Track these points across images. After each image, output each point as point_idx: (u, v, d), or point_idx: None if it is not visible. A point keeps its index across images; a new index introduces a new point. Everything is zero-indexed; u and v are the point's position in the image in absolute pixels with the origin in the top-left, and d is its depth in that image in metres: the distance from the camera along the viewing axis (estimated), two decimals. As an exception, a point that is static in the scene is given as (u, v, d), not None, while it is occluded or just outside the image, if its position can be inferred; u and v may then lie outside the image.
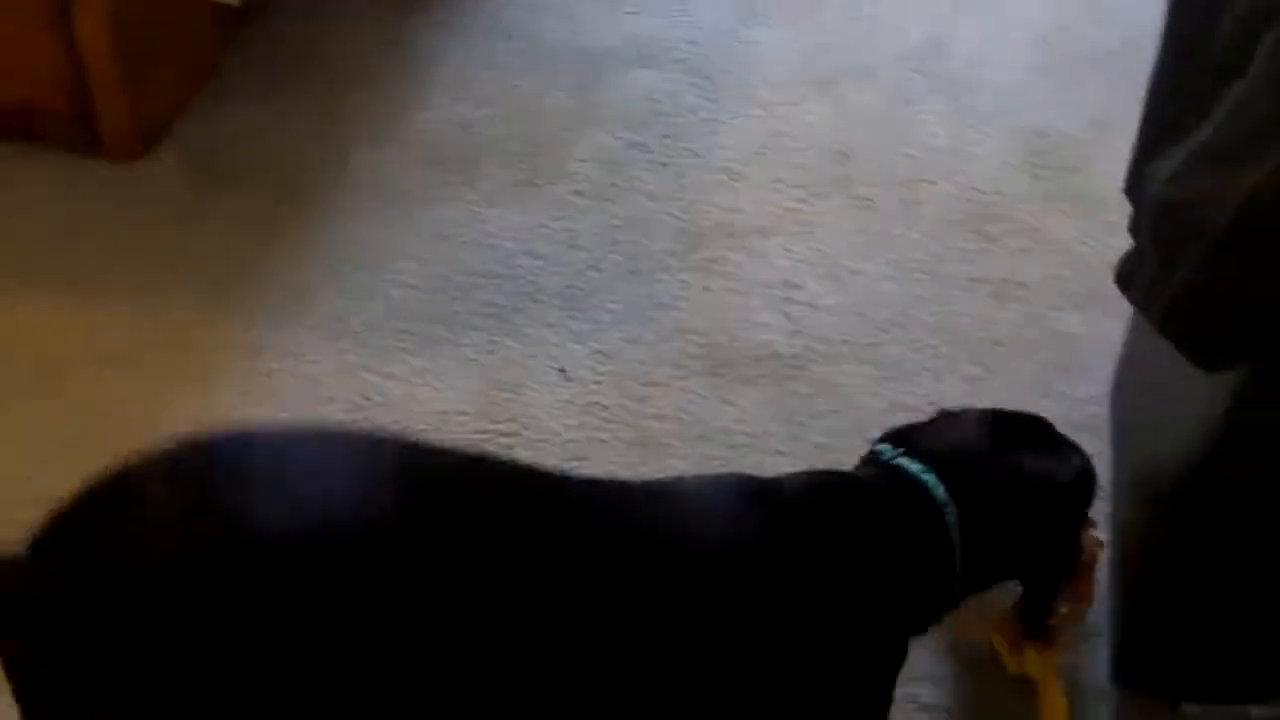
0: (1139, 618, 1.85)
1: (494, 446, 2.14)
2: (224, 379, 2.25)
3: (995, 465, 1.72)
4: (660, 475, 2.04)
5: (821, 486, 1.65)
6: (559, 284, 2.42)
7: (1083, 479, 1.80)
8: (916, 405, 2.16)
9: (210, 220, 2.52)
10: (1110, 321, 2.27)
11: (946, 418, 1.83)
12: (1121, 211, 1.66)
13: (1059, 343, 2.32)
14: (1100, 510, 2.02)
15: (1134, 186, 1.61)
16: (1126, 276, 1.49)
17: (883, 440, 1.77)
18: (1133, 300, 1.47)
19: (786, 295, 2.40)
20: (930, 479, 1.64)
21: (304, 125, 2.70)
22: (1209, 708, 1.84)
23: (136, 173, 2.59)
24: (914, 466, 1.66)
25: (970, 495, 1.64)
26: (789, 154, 2.66)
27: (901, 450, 1.70)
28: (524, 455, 2.13)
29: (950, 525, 1.63)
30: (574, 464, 2.12)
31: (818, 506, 1.60)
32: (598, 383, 2.26)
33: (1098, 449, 2.08)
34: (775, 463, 2.12)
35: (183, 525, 1.29)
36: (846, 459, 1.86)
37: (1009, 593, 1.82)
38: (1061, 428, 1.98)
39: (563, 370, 2.27)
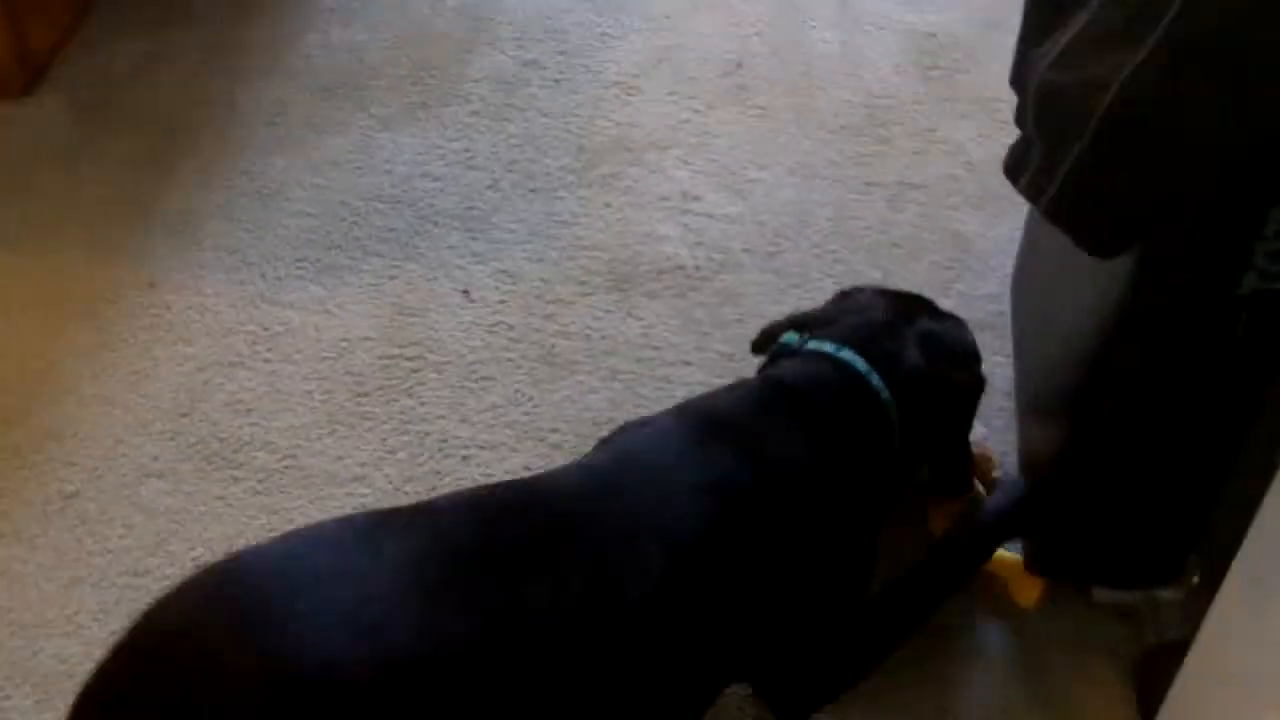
0: (1048, 510, 1.88)
1: (399, 371, 2.14)
2: (122, 315, 2.23)
3: (909, 340, 1.80)
4: (567, 392, 2.08)
5: (782, 392, 1.71)
6: (458, 205, 2.40)
7: (975, 346, 1.90)
8: (819, 310, 2.17)
9: (98, 157, 2.49)
10: (1007, 220, 2.31)
11: (843, 298, 1.90)
12: (1013, 110, 1.67)
13: (956, 242, 2.34)
14: (1000, 405, 2.06)
15: (1018, 76, 1.61)
16: (1014, 167, 1.49)
17: (784, 328, 1.85)
18: (1021, 190, 1.48)
19: (686, 207, 2.40)
20: (860, 361, 1.73)
21: (190, 58, 2.66)
22: (1119, 593, 1.87)
23: (19, 111, 2.55)
24: (842, 351, 1.74)
25: (894, 368, 1.74)
26: (682, 66, 2.66)
27: (813, 336, 1.78)
28: (430, 378, 2.13)
29: (887, 403, 1.73)
30: (481, 384, 2.12)
31: (793, 408, 1.68)
32: (502, 302, 2.25)
33: (998, 346, 2.13)
34: (682, 373, 2.14)
35: (232, 677, 1.29)
36: (751, 367, 1.88)
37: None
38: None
39: (466, 292, 2.26)
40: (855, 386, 1.73)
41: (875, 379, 1.73)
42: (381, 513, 1.50)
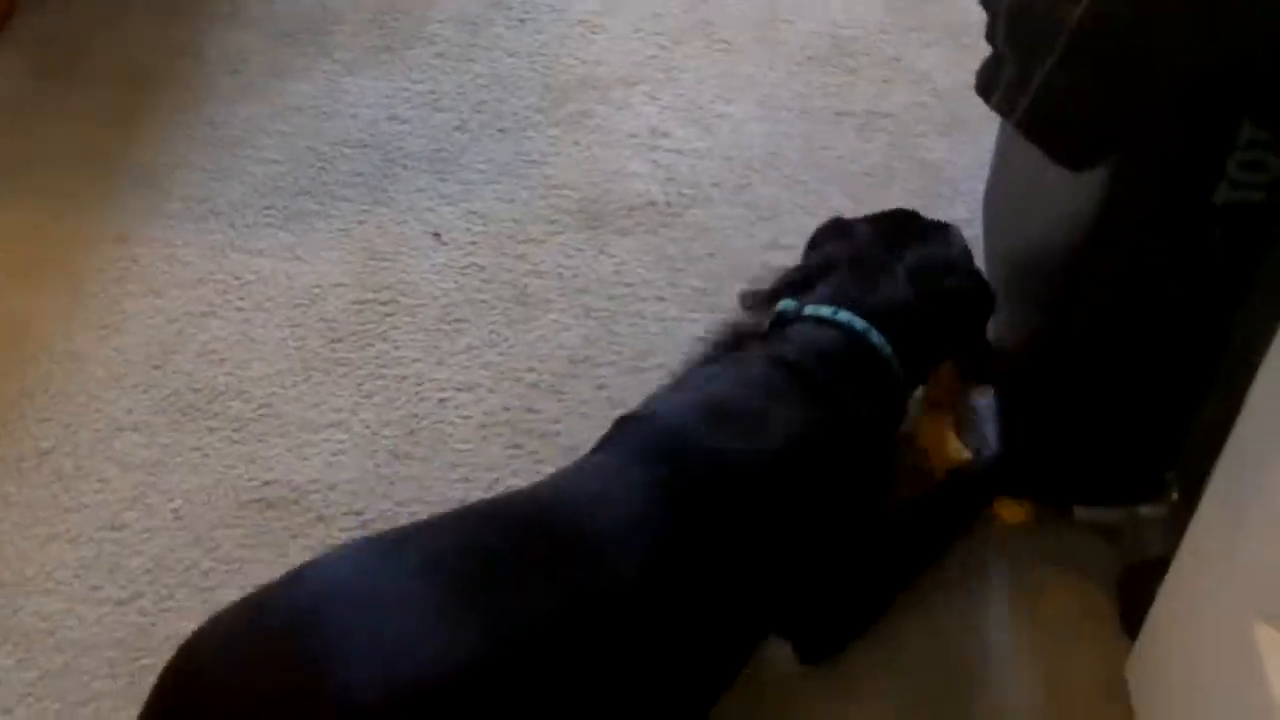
0: (1026, 428, 1.89)
1: (372, 316, 2.13)
2: (91, 269, 2.21)
3: (899, 277, 1.83)
4: (542, 330, 2.07)
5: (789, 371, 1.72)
6: (426, 148, 2.39)
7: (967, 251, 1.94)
8: (790, 243, 2.17)
9: (61, 113, 2.46)
10: (975, 145, 2.31)
11: (832, 241, 1.91)
12: (979, 36, 1.66)
13: (926, 169, 2.33)
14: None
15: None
16: (986, 85, 1.49)
17: (778, 292, 1.86)
18: (994, 107, 1.48)
19: (655, 144, 2.39)
20: (858, 321, 1.76)
21: (150, 10, 2.63)
22: (1100, 510, 1.88)
23: (-22, 68, 2.53)
24: (839, 314, 1.77)
25: (890, 317, 1.78)
26: (647, 3, 2.64)
27: (807, 301, 1.80)
28: (403, 322, 2.12)
29: (889, 358, 1.76)
30: (455, 326, 2.11)
31: (813, 375, 1.70)
32: (473, 244, 2.24)
33: (974, 269, 2.12)
34: (656, 309, 2.13)
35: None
36: (725, 301, 1.88)
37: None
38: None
39: (436, 234, 2.25)
40: (857, 349, 1.76)
41: (874, 335, 1.76)
42: (399, 533, 1.50)
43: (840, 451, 1.68)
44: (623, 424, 1.68)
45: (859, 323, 1.76)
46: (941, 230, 1.93)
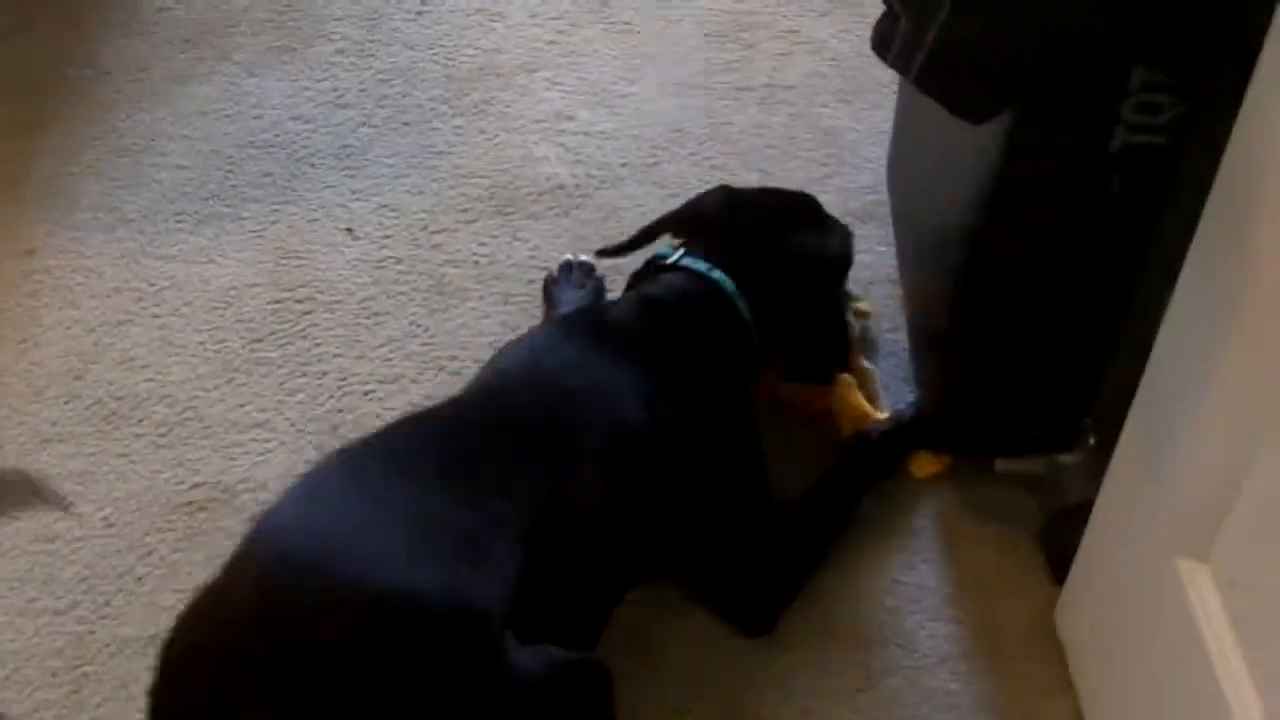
0: (941, 385, 1.92)
1: (290, 314, 2.14)
2: (3, 285, 2.20)
3: (771, 248, 1.91)
4: (462, 319, 2.09)
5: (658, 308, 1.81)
6: (332, 144, 2.39)
7: (845, 255, 2.01)
8: (702, 217, 2.19)
9: (-38, 129, 2.45)
10: (876, 112, 2.34)
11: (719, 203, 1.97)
12: (876, 4, 1.69)
13: (829, 138, 2.37)
14: (887, 292, 2.10)
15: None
16: (881, 43, 1.51)
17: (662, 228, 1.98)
18: (890, 63, 1.49)
19: (560, 127, 2.41)
20: (729, 283, 1.84)
21: (46, 25, 2.61)
22: (1020, 461, 1.91)
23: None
24: (714, 273, 1.84)
25: (753, 278, 1.85)
26: (542, -12, 2.66)
27: (688, 252, 1.88)
28: (322, 319, 2.13)
29: (742, 310, 1.83)
30: (374, 320, 2.12)
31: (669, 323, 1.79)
32: (387, 237, 2.25)
33: (881, 235, 2.16)
34: (573, 290, 2.15)
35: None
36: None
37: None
38: (842, 218, 2.05)
39: (349, 229, 2.26)
40: (721, 302, 1.83)
41: (741, 302, 1.83)
42: (352, 448, 1.58)
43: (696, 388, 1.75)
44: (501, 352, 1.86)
45: (728, 284, 1.83)
46: (828, 224, 2.01)
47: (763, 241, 1.91)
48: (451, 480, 1.50)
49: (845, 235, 2.01)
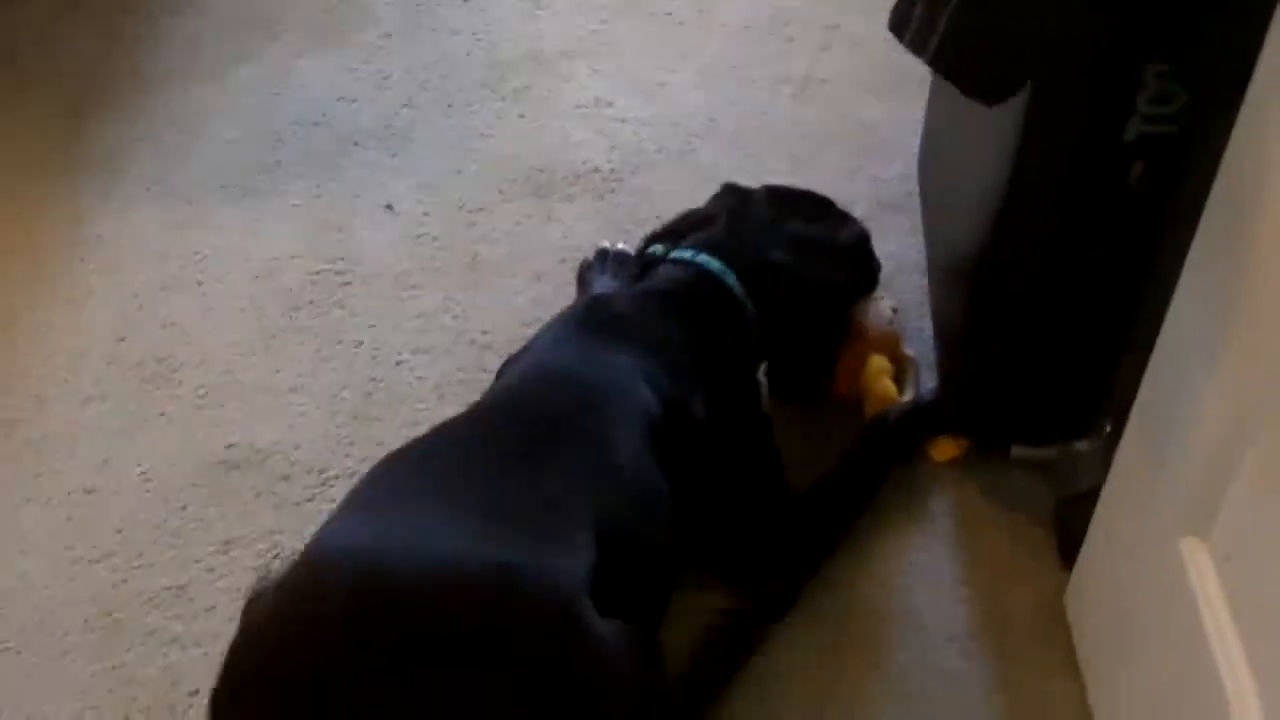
0: (961, 371, 1.95)
1: (328, 286, 2.19)
2: (55, 249, 2.26)
3: (774, 241, 1.92)
4: (494, 295, 2.13)
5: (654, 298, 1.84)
6: (376, 125, 2.45)
7: (858, 245, 2.01)
8: (734, 204, 2.23)
9: (19, 105, 2.52)
10: (910, 107, 2.36)
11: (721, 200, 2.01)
12: None
13: (863, 130, 2.40)
14: (917, 281, 2.13)
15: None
16: (899, 24, 1.53)
17: (654, 240, 1.99)
18: (906, 45, 1.52)
19: (598, 113, 2.46)
20: (717, 265, 1.86)
21: (100, 4, 2.68)
22: (1036, 449, 1.94)
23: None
24: (698, 256, 1.87)
25: (755, 275, 1.87)
26: (588, -21, 2.71)
27: (677, 246, 1.91)
28: (359, 290, 2.18)
29: (738, 293, 1.86)
30: (409, 293, 2.17)
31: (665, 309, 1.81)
32: (425, 215, 2.30)
33: (911, 225, 2.19)
34: (604, 271, 2.19)
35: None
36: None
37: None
38: (873, 208, 2.09)
39: (389, 206, 2.31)
40: (712, 287, 1.85)
41: (730, 278, 1.85)
42: (395, 456, 1.59)
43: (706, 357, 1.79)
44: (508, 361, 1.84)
45: (715, 264, 1.86)
46: (840, 217, 2.02)
47: (764, 231, 1.94)
48: (508, 472, 1.52)
49: (859, 232, 2.03)
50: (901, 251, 2.18)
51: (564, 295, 2.16)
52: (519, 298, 2.17)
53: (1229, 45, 1.30)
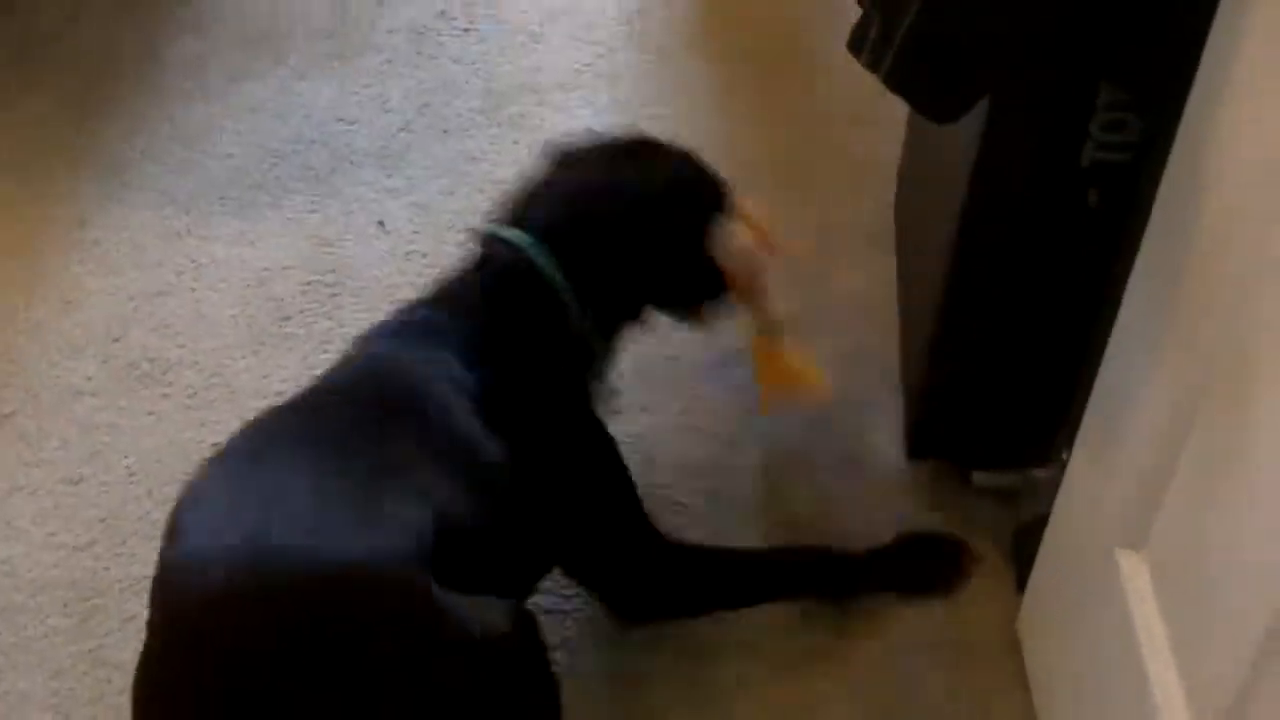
0: (924, 397, 2.00)
1: (318, 296, 2.25)
2: (54, 250, 2.34)
3: (588, 209, 1.76)
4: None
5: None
6: (373, 146, 2.52)
7: (678, 185, 1.84)
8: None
9: (25, 109, 2.60)
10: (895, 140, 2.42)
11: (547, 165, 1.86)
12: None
13: (849, 162, 2.46)
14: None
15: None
16: (856, 42, 1.57)
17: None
18: (863, 63, 1.54)
19: (590, 142, 2.52)
20: (530, 246, 1.71)
21: (111, 16, 2.77)
22: (996, 475, 1.99)
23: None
24: (511, 235, 1.73)
25: (568, 245, 1.72)
26: (584, 15, 2.79)
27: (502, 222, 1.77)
28: (348, 302, 2.25)
29: (559, 286, 1.70)
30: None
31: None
32: (415, 233, 2.37)
33: (887, 258, 2.24)
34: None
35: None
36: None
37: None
38: (854, 239, 2.14)
39: (381, 223, 2.38)
40: (520, 270, 1.71)
41: (542, 257, 1.70)
42: (226, 451, 1.56)
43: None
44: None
45: (526, 239, 1.71)
46: (668, 156, 1.88)
47: (574, 193, 1.78)
48: (342, 459, 1.48)
49: (681, 158, 1.88)
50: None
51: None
52: (503, 314, 2.23)
53: (1179, 74, 1.35)
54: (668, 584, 1.78)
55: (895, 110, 1.73)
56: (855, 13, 1.58)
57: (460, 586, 1.41)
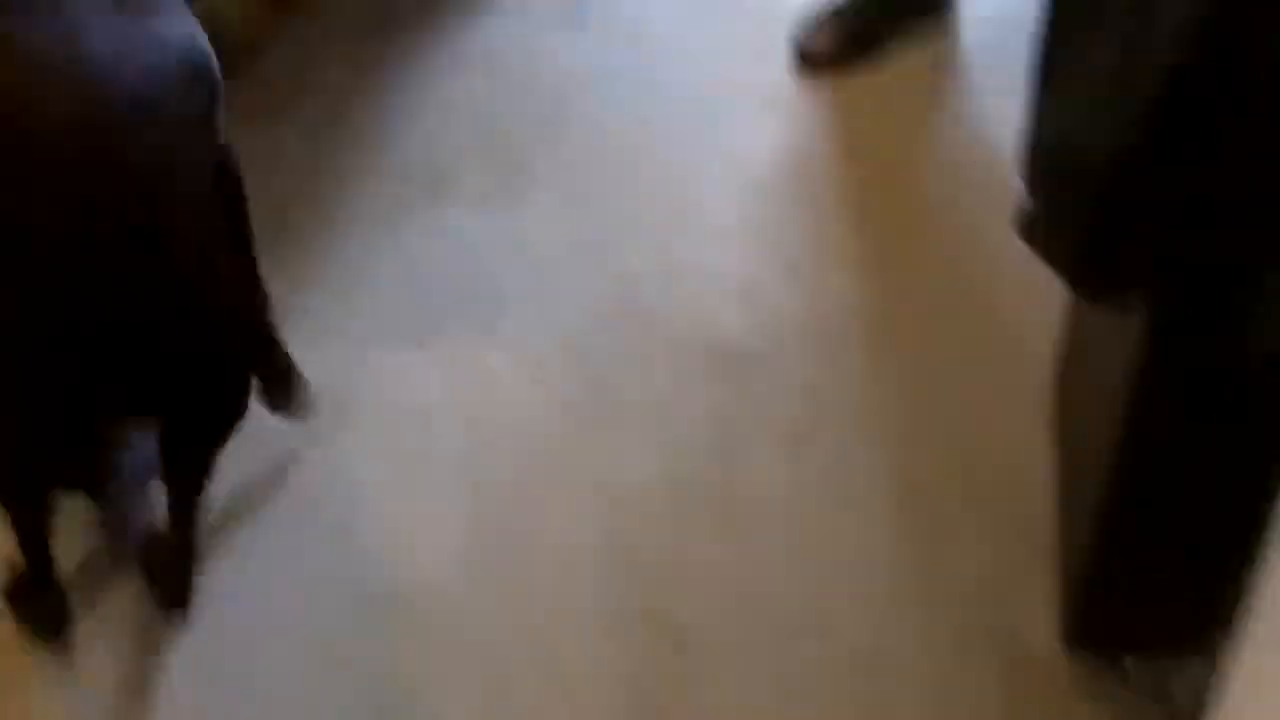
0: (1083, 585, 1.96)
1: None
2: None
3: None
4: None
5: None
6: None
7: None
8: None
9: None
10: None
11: None
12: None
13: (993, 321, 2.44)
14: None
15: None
16: (1028, 229, 1.57)
17: None
18: (1038, 253, 1.55)
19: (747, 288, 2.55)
20: None
21: (296, 151, 2.77)
22: (1149, 663, 1.94)
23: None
24: None
25: None
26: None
27: None
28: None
29: None
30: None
31: None
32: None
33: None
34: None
35: None
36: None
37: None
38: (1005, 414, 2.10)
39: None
40: None
41: None
42: None
43: None
44: None
45: None
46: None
47: None
48: None
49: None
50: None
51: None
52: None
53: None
54: None
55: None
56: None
57: None
